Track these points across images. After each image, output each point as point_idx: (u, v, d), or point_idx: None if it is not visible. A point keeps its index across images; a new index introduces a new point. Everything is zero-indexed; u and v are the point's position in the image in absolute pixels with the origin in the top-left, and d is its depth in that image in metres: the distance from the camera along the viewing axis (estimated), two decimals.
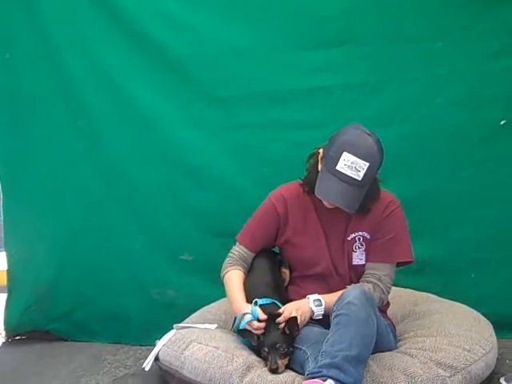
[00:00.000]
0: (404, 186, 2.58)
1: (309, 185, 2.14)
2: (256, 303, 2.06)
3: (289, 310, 2.02)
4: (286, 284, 2.26)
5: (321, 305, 2.04)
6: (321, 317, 2.04)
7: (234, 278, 2.21)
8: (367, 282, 2.11)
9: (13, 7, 2.93)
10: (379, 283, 2.10)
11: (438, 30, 2.67)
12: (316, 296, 2.06)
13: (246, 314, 2.05)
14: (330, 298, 2.02)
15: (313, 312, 2.03)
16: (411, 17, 2.69)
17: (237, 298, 2.15)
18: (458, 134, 2.70)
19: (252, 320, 2.02)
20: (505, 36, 2.62)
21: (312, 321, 2.07)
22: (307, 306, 2.04)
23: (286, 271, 2.27)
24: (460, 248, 2.74)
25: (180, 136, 2.91)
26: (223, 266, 2.28)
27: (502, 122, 2.66)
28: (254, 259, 2.28)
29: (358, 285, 2.09)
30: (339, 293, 1.99)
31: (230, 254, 2.29)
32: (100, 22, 2.89)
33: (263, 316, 2.02)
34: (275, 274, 2.25)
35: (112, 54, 2.90)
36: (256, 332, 2.01)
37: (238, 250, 2.28)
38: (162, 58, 2.87)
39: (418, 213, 2.60)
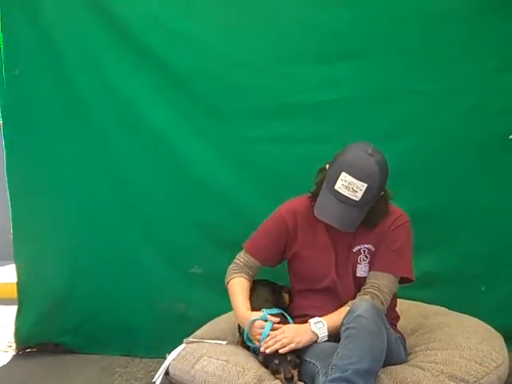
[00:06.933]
0: (413, 199, 2.58)
1: (315, 199, 2.14)
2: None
3: (286, 334, 1.96)
4: (285, 307, 2.25)
5: (323, 326, 1.98)
6: (326, 339, 1.97)
7: (238, 286, 2.20)
8: (366, 294, 2.07)
9: (21, 23, 2.96)
10: (378, 293, 2.06)
11: (443, 42, 2.66)
12: (317, 319, 2.00)
13: (256, 320, 2.02)
14: (331, 319, 2.00)
15: (317, 335, 1.97)
16: (416, 30, 2.67)
17: (241, 306, 2.13)
18: (467, 148, 2.69)
19: (272, 325, 1.99)
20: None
21: None
22: (308, 331, 1.98)
23: (285, 295, 2.29)
24: (469, 261, 2.72)
25: (186, 149, 2.92)
26: (228, 272, 2.27)
27: (511, 137, 2.64)
28: (252, 285, 2.26)
29: (358, 298, 2.07)
30: (340, 311, 2.01)
31: (236, 261, 2.28)
32: (107, 37, 2.91)
33: (276, 319, 2.01)
34: (276, 296, 2.26)
35: (118, 69, 2.92)
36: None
37: (243, 257, 2.27)
38: (167, 73, 2.88)
39: (428, 226, 2.62)
